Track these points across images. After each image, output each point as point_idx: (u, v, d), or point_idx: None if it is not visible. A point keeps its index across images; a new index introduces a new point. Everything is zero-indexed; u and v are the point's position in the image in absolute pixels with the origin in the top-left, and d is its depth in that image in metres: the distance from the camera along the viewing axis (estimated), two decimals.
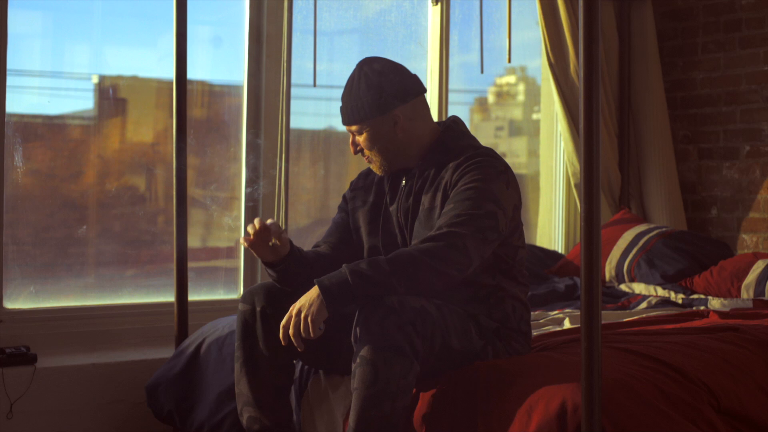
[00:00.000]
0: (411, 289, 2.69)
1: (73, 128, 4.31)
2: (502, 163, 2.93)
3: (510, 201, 2.88)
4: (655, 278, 4.49)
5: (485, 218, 2.78)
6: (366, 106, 2.96)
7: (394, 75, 2.99)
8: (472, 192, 2.82)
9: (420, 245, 2.74)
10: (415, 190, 3.00)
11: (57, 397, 3.73)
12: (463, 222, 2.76)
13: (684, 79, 5.36)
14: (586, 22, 2.40)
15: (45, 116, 4.22)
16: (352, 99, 2.99)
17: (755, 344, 3.01)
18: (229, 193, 4.52)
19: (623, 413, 2.45)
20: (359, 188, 3.19)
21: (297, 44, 4.56)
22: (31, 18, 4.20)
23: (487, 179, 2.85)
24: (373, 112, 2.96)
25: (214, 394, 3.39)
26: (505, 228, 2.86)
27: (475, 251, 2.76)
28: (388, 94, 2.96)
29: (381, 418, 2.61)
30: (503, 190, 2.86)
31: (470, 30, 5.18)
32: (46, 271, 4.04)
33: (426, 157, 3.01)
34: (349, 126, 3.01)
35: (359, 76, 2.99)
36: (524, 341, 2.98)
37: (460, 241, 2.73)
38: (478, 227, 2.77)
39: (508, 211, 2.86)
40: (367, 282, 2.66)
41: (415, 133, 3.00)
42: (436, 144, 3.02)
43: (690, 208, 5.34)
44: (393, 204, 3.05)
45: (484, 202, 2.80)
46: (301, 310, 2.70)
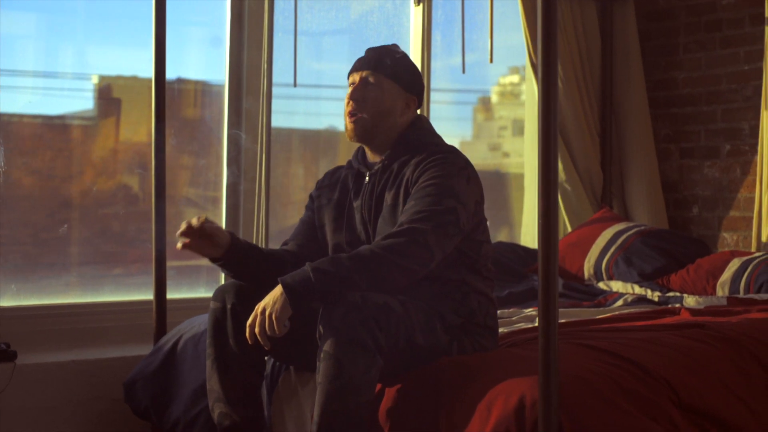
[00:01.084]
0: (373, 286, 2.73)
1: (74, 128, 4.36)
2: (462, 159, 2.98)
3: (471, 196, 2.92)
4: (633, 276, 4.53)
5: (446, 213, 2.82)
6: (402, 70, 3.07)
7: (420, 73, 3.19)
8: (433, 188, 2.87)
9: (381, 242, 2.78)
10: (379, 186, 3.04)
11: (37, 394, 3.77)
12: (423, 218, 2.80)
13: (666, 78, 5.40)
14: (545, 19, 2.42)
15: (44, 116, 4.28)
16: (389, 55, 3.08)
17: (720, 341, 3.04)
18: (219, 193, 4.57)
19: (581, 408, 2.48)
20: (325, 186, 3.23)
21: (287, 44, 4.61)
22: (26, 19, 4.25)
23: (447, 175, 2.90)
24: (403, 80, 3.07)
25: (189, 390, 3.43)
26: (467, 223, 2.90)
27: (436, 246, 2.80)
28: (417, 81, 3.12)
29: (344, 411, 2.64)
30: (464, 185, 2.91)
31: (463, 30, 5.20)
32: (27, 270, 4.08)
33: (389, 152, 3.06)
34: (373, 71, 3.04)
35: (398, 49, 3.13)
36: (491, 337, 3.02)
37: (422, 237, 2.77)
38: (438, 222, 2.81)
39: (469, 207, 2.90)
40: (329, 279, 2.70)
41: (401, 125, 3.07)
42: (400, 138, 3.07)
43: (672, 207, 5.38)
44: (357, 200, 3.09)
45: (444, 198, 2.84)
46: (265, 309, 2.75)
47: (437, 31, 5.14)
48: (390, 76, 3.05)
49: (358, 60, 3.10)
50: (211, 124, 4.57)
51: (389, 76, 3.05)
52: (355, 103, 3.04)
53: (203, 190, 4.59)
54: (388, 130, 3.06)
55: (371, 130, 3.05)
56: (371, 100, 3.03)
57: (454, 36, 5.24)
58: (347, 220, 3.11)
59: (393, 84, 3.05)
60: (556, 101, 2.42)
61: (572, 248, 4.83)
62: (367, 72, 3.05)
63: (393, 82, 3.05)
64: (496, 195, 5.68)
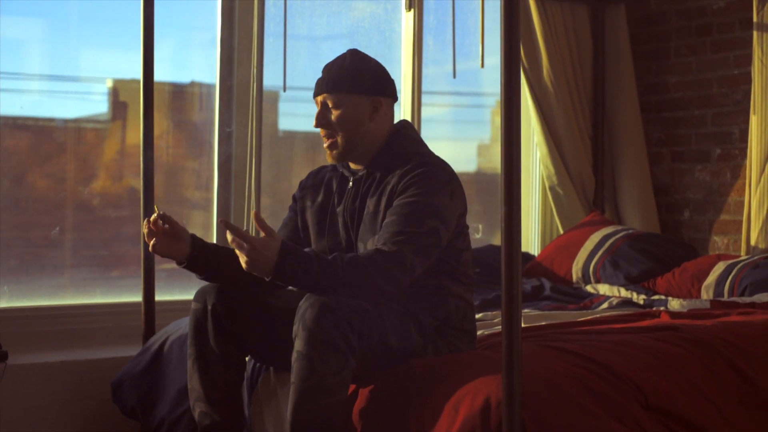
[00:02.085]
0: (349, 295, 2.77)
1: (88, 131, 4.44)
2: (447, 173, 2.98)
3: (453, 212, 2.95)
4: (619, 279, 4.56)
5: (428, 236, 2.85)
6: (356, 79, 3.03)
7: (383, 69, 3.12)
8: (415, 207, 2.88)
9: (374, 257, 2.80)
10: (362, 192, 3.07)
11: (27, 394, 3.83)
12: (406, 240, 2.83)
13: (657, 82, 5.43)
14: (506, 20, 2.46)
15: (59, 119, 4.36)
16: (340, 69, 3.05)
17: (693, 343, 3.07)
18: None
19: (544, 408, 2.52)
20: (308, 187, 3.25)
21: (289, 48, 4.69)
22: (33, 23, 4.33)
23: (431, 192, 2.91)
24: (361, 88, 3.03)
25: (174, 390, 3.49)
26: (446, 239, 2.93)
27: (419, 268, 2.85)
28: (378, 81, 3.07)
29: (316, 411, 2.69)
30: (447, 202, 2.92)
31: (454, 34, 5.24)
32: (20, 272, 4.15)
33: (373, 159, 3.09)
34: (329, 94, 3.04)
35: (352, 54, 3.09)
36: (468, 340, 3.05)
37: (408, 262, 2.81)
38: (420, 246, 2.84)
39: (450, 224, 2.93)
40: (316, 281, 2.76)
41: (380, 130, 3.08)
42: (385, 147, 3.09)
43: (663, 211, 5.40)
44: (340, 205, 3.12)
45: (426, 219, 2.87)
46: (254, 262, 2.73)
47: (429, 35, 5.18)
48: (346, 89, 3.03)
49: (316, 82, 3.10)
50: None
51: (346, 91, 3.03)
52: (323, 128, 3.07)
53: (205, 191, 4.66)
54: (364, 141, 3.06)
55: (346, 148, 3.06)
56: (336, 122, 3.04)
57: (464, 39, 5.31)
58: (330, 225, 3.14)
59: (351, 96, 3.03)
60: (518, 106, 2.45)
61: (561, 251, 4.87)
62: (324, 95, 3.06)
63: (351, 94, 3.03)
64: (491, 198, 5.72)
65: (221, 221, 2.77)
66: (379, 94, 3.07)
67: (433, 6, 5.20)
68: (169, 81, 4.61)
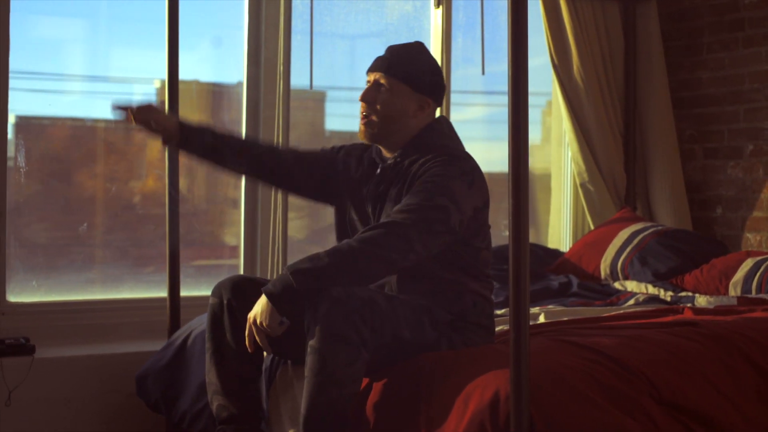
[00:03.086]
0: (353, 278, 2.78)
1: (135, 131, 4.50)
2: (469, 165, 2.99)
3: (469, 201, 2.93)
4: (647, 276, 4.53)
5: (434, 210, 2.84)
6: (415, 72, 3.06)
7: (441, 73, 3.16)
8: (429, 185, 2.89)
9: (360, 234, 2.83)
10: (386, 180, 3.09)
11: (54, 387, 3.89)
12: (409, 211, 2.84)
13: (689, 78, 5.39)
14: (513, 19, 2.46)
15: (107, 120, 4.43)
16: (404, 56, 3.08)
17: (710, 339, 3.05)
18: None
19: (552, 402, 2.52)
20: (354, 156, 3.26)
21: (324, 46, 4.72)
22: (75, 24, 4.40)
23: (447, 175, 2.92)
24: (416, 82, 3.07)
25: (196, 384, 3.52)
26: (460, 225, 2.91)
27: (417, 239, 2.81)
28: (434, 83, 3.11)
29: (328, 404, 2.71)
30: (463, 189, 2.92)
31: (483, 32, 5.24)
32: (49, 267, 4.22)
33: (402, 150, 3.10)
34: (384, 74, 3.06)
35: (419, 47, 3.13)
36: (485, 335, 3.05)
37: (401, 229, 2.80)
38: (423, 217, 2.83)
39: (464, 209, 2.91)
40: (309, 277, 2.75)
41: (416, 127, 3.10)
42: (415, 139, 3.10)
43: (696, 208, 5.36)
44: (366, 187, 3.15)
45: (436, 196, 2.86)
46: (255, 319, 2.84)
47: (459, 33, 5.18)
48: (402, 78, 3.06)
49: (376, 59, 3.13)
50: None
51: (401, 79, 3.06)
52: (366, 104, 3.09)
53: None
54: (400, 132, 3.09)
55: (381, 132, 3.09)
56: (381, 104, 3.06)
57: (494, 36, 5.31)
58: (358, 203, 3.16)
59: (405, 86, 3.06)
60: (526, 100, 2.46)
61: (590, 248, 4.84)
62: (380, 74, 3.08)
63: (405, 84, 3.06)
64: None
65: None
66: (430, 95, 3.10)
67: (462, 4, 5.19)
68: (213, 81, 4.67)
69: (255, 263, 4.52)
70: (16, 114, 4.16)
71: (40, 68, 4.27)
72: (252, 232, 4.56)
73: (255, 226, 4.55)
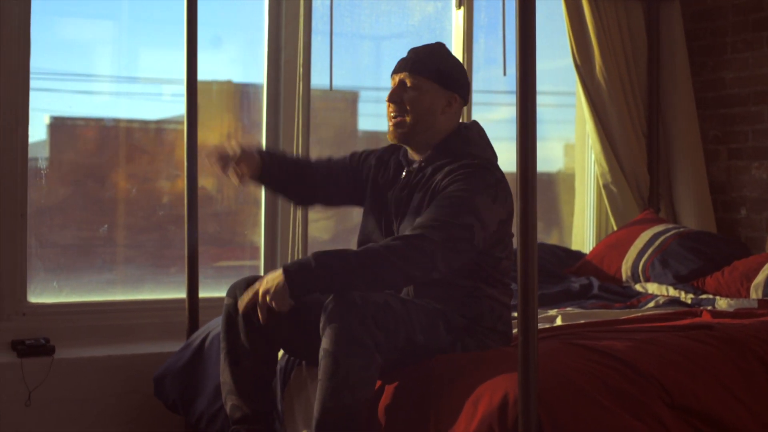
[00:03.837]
0: (372, 285, 2.78)
1: (168, 132, 4.54)
2: (494, 177, 2.97)
3: (494, 216, 2.93)
4: (668, 278, 4.50)
5: (460, 228, 2.84)
6: (440, 69, 3.08)
7: (464, 70, 3.19)
8: (456, 200, 2.88)
9: (390, 242, 2.82)
10: (411, 184, 3.09)
11: (73, 387, 3.92)
12: (436, 227, 2.83)
13: (713, 79, 5.35)
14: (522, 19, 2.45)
15: (141, 121, 4.49)
16: (427, 55, 3.10)
17: (724, 342, 3.02)
18: None
19: (560, 405, 2.51)
20: (379, 160, 3.29)
21: (345, 47, 4.73)
22: (105, 26, 4.44)
23: (474, 191, 2.91)
24: (442, 79, 3.08)
25: (213, 385, 3.53)
26: (482, 242, 2.90)
27: (441, 258, 2.81)
28: (459, 79, 3.13)
29: (341, 408, 2.71)
30: (488, 204, 2.91)
31: (504, 32, 5.24)
32: (70, 268, 4.26)
33: (429, 154, 3.10)
34: (410, 73, 3.08)
35: (440, 46, 3.15)
36: (500, 340, 3.04)
37: (428, 246, 2.79)
38: (449, 236, 2.82)
39: (488, 226, 2.91)
40: (331, 275, 2.75)
41: (445, 126, 3.11)
42: (442, 143, 3.11)
43: (720, 209, 5.32)
44: (391, 191, 3.16)
45: (463, 214, 2.86)
46: (267, 292, 2.79)
47: (481, 34, 5.18)
48: (428, 75, 3.07)
49: (399, 61, 3.14)
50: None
51: (427, 76, 3.07)
52: (395, 105, 3.10)
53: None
54: (429, 130, 3.10)
55: (411, 132, 3.10)
56: (410, 103, 3.07)
57: (553, 38, 5.33)
58: (382, 206, 3.17)
59: (431, 84, 3.08)
60: (534, 101, 2.44)
61: (611, 250, 4.82)
62: (405, 74, 3.09)
63: (431, 81, 3.07)
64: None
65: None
66: (456, 91, 3.12)
67: (484, 4, 5.18)
68: (241, 82, 4.70)
69: (275, 264, 4.53)
70: (50, 115, 4.22)
71: (71, 69, 4.32)
72: (272, 233, 4.57)
73: (275, 227, 4.56)
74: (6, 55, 3.95)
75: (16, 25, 3.96)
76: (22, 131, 4.00)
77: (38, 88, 4.14)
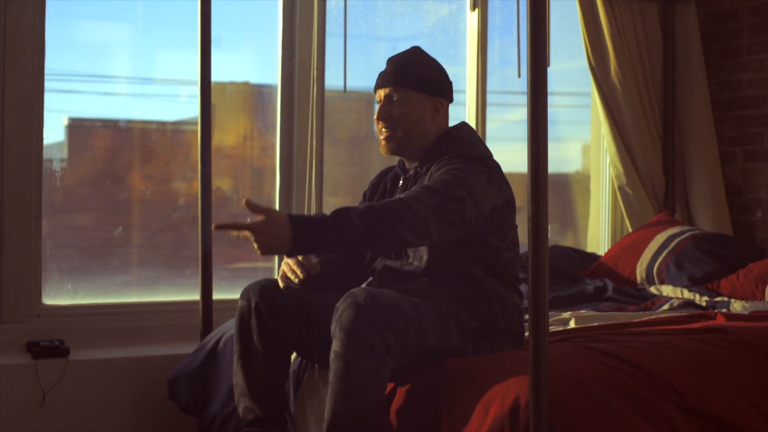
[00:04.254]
0: (371, 247, 2.76)
1: (187, 134, 4.56)
2: (487, 165, 2.98)
3: (487, 198, 2.92)
4: (683, 281, 4.48)
5: (452, 200, 2.82)
6: (423, 78, 3.09)
7: (444, 71, 3.18)
8: (448, 176, 2.89)
9: (387, 202, 2.76)
10: (409, 189, 3.09)
11: (87, 389, 3.94)
12: (429, 194, 2.81)
13: (729, 80, 5.32)
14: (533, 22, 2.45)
15: (159, 122, 4.51)
16: (407, 65, 3.10)
17: (737, 345, 3.01)
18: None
19: (572, 409, 2.50)
20: (374, 185, 3.32)
21: (360, 49, 4.74)
22: (121, 28, 4.47)
23: (467, 170, 2.91)
24: (426, 87, 3.09)
25: (226, 387, 3.54)
26: (475, 220, 2.88)
27: (433, 224, 2.78)
28: (441, 82, 3.14)
29: (352, 411, 2.71)
30: (482, 185, 2.91)
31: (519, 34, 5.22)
32: (84, 270, 4.28)
33: (423, 159, 3.12)
34: (394, 88, 3.08)
35: (419, 53, 3.15)
36: (513, 342, 3.03)
37: (421, 210, 2.76)
38: (441, 204, 2.80)
39: (481, 206, 2.89)
40: (340, 236, 2.69)
41: (436, 130, 3.13)
42: (434, 147, 3.11)
43: (735, 211, 5.29)
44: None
45: (454, 187, 2.85)
46: (265, 245, 2.68)
47: (496, 35, 5.17)
48: (412, 86, 3.08)
49: (380, 75, 3.14)
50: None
51: (412, 87, 3.08)
52: (384, 122, 3.10)
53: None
54: (420, 138, 3.11)
55: (403, 143, 3.11)
56: (399, 117, 3.08)
57: (569, 39, 5.31)
58: None
59: (417, 94, 3.09)
60: (545, 103, 2.44)
61: (626, 252, 4.80)
62: (390, 89, 3.10)
63: (416, 91, 3.08)
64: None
65: (246, 201, 2.72)
66: (441, 95, 3.13)
67: (499, 6, 5.18)
68: (259, 83, 4.72)
69: None
70: (69, 116, 4.25)
71: (89, 71, 4.34)
72: None
73: None
74: (21, 58, 3.97)
75: (31, 28, 3.98)
76: (36, 133, 4.02)
77: (57, 89, 4.17)
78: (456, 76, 5.10)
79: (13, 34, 3.95)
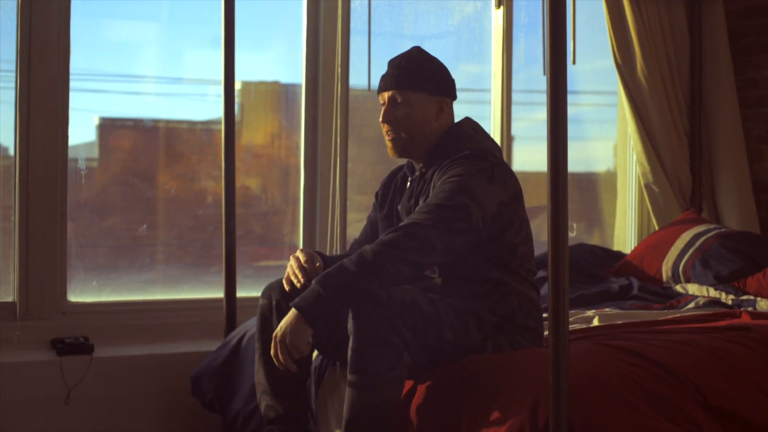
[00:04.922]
0: (383, 282, 2.75)
1: (215, 133, 4.58)
2: (489, 161, 2.97)
3: (491, 197, 2.91)
4: (709, 279, 4.45)
5: (453, 209, 2.82)
6: (425, 78, 3.08)
7: (447, 69, 3.17)
8: (448, 185, 2.89)
9: (381, 238, 2.81)
10: (416, 192, 3.11)
11: (112, 385, 3.95)
12: (427, 211, 2.82)
13: (757, 77, 5.28)
14: (553, 19, 2.44)
15: (189, 121, 4.54)
16: (409, 66, 3.09)
17: (761, 343, 2.99)
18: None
19: (592, 407, 2.49)
20: (385, 185, 3.33)
21: (385, 47, 4.75)
22: (148, 27, 4.50)
23: (466, 174, 2.91)
24: (429, 87, 3.08)
25: (249, 384, 3.55)
26: (483, 222, 2.88)
27: (437, 239, 2.78)
28: (444, 81, 3.13)
29: (370, 408, 2.71)
30: (483, 185, 2.91)
31: (544, 31, 5.21)
32: (109, 268, 4.30)
33: (428, 158, 3.12)
34: (398, 90, 3.08)
35: (420, 53, 3.14)
36: (532, 337, 3.03)
37: (421, 231, 2.77)
38: (442, 217, 2.80)
39: (486, 206, 2.89)
40: (340, 289, 2.74)
41: (440, 129, 3.12)
42: (437, 145, 3.12)
43: (763, 209, 5.25)
44: (400, 203, 3.18)
45: (456, 195, 2.85)
46: (284, 337, 2.79)
47: (521, 33, 5.16)
48: (415, 88, 3.07)
49: (382, 78, 3.14)
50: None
51: (415, 89, 3.07)
52: (389, 124, 3.10)
53: None
54: (426, 139, 3.11)
55: (409, 144, 3.11)
56: (403, 119, 3.08)
57: (596, 38, 5.30)
58: (396, 222, 3.19)
59: (420, 95, 3.08)
60: (564, 101, 2.43)
61: (651, 250, 4.77)
62: (393, 91, 3.09)
63: (420, 93, 3.08)
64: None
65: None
66: (445, 94, 3.13)
67: (524, 4, 5.16)
68: (289, 83, 4.73)
69: None
70: (99, 116, 4.28)
71: (118, 71, 4.37)
72: (311, 233, 4.59)
73: (314, 227, 4.58)
74: (46, 58, 3.99)
75: (56, 28, 4.00)
76: (62, 133, 4.04)
77: (87, 89, 4.20)
78: (481, 75, 5.12)
79: (38, 34, 3.98)
